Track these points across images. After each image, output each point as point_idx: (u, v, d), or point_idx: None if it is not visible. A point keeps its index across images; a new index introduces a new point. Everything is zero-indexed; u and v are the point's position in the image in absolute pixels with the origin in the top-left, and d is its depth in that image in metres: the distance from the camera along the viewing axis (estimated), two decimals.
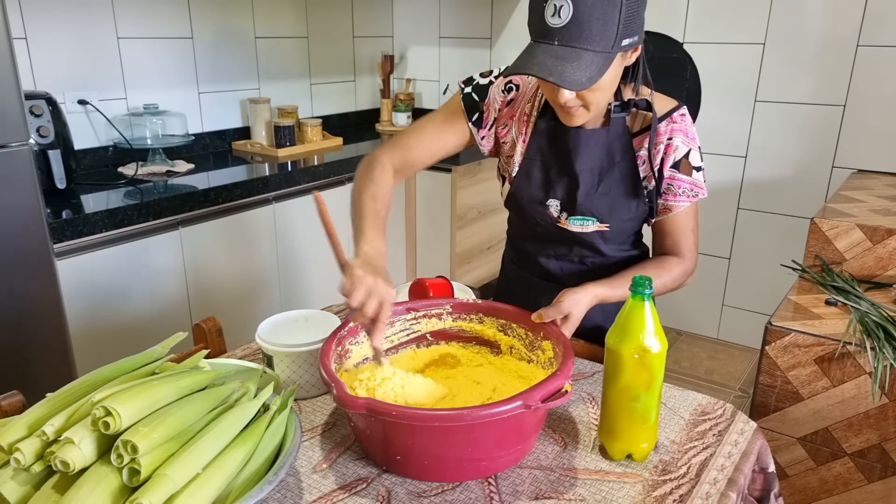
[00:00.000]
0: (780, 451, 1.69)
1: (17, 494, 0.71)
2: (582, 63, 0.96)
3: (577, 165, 1.16)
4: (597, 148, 1.15)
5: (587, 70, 0.96)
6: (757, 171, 2.84)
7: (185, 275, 2.14)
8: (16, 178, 1.55)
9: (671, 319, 3.26)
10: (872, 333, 1.54)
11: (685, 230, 1.20)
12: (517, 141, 1.21)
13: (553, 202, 1.20)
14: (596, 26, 0.95)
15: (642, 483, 0.87)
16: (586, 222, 1.19)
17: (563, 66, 0.95)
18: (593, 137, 1.15)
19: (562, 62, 0.96)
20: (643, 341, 0.87)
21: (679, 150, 1.14)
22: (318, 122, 2.86)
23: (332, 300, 2.70)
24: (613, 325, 0.90)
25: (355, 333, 1.04)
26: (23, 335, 1.62)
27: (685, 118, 1.16)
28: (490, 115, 1.21)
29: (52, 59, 2.18)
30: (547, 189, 1.20)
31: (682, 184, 1.16)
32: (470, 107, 1.22)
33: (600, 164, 1.16)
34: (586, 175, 1.16)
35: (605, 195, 1.17)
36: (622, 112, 1.13)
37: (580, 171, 1.16)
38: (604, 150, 1.16)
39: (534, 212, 1.22)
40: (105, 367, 0.88)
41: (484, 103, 1.21)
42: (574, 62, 0.96)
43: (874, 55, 2.49)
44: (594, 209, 1.17)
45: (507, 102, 1.21)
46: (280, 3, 2.90)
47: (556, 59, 0.96)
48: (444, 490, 0.85)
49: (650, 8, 3.12)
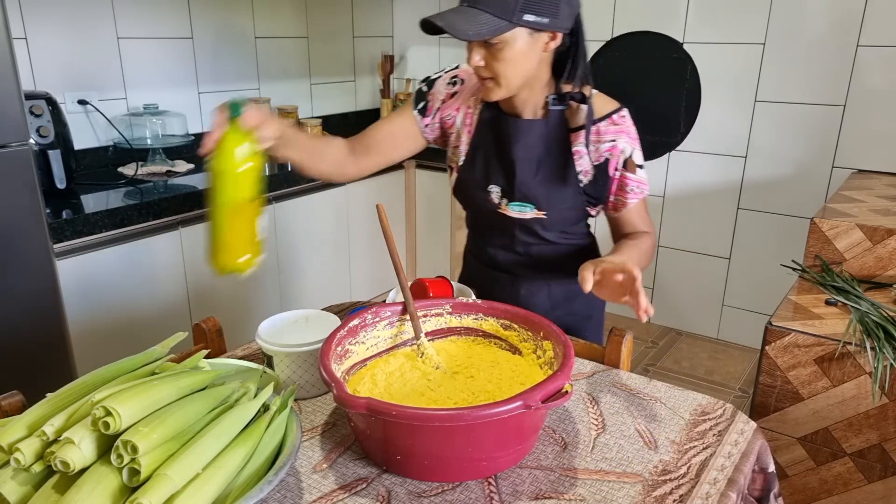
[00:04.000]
0: (780, 451, 1.69)
1: (17, 494, 0.71)
2: (476, 20, 1.06)
3: (515, 153, 1.23)
4: (535, 137, 1.22)
5: (478, 27, 1.06)
6: (757, 171, 2.84)
7: (185, 275, 2.14)
8: (16, 178, 1.55)
9: (671, 319, 3.26)
10: (872, 333, 1.54)
11: (642, 216, 1.29)
12: (462, 132, 1.30)
13: (494, 188, 1.27)
14: None
15: (642, 483, 0.87)
16: (524, 209, 1.25)
17: (458, 19, 1.06)
18: (532, 127, 1.22)
19: (459, 16, 1.06)
20: (235, 158, 0.99)
21: (625, 152, 1.22)
22: (318, 122, 2.86)
23: (332, 300, 2.70)
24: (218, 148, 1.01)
25: (355, 333, 1.04)
26: (23, 335, 1.62)
27: (625, 119, 1.22)
28: (434, 105, 1.30)
29: (52, 59, 2.19)
30: (489, 176, 1.27)
31: (630, 182, 1.23)
32: (417, 98, 1.31)
33: (538, 154, 1.23)
34: (524, 163, 1.23)
35: (541, 183, 1.23)
36: (560, 105, 1.21)
37: (518, 158, 1.23)
38: (541, 141, 1.23)
39: (478, 198, 1.29)
40: (105, 367, 0.88)
41: (429, 94, 1.30)
42: (469, 18, 1.06)
43: (874, 55, 2.49)
44: (531, 196, 1.24)
45: (452, 94, 1.29)
46: (280, 3, 2.90)
47: (456, 14, 1.07)
48: (444, 490, 0.85)
49: (650, 8, 3.13)
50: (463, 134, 1.29)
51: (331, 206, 2.67)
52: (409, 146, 1.32)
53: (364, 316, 1.06)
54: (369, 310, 1.08)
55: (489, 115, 1.26)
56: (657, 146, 3.07)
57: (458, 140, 1.30)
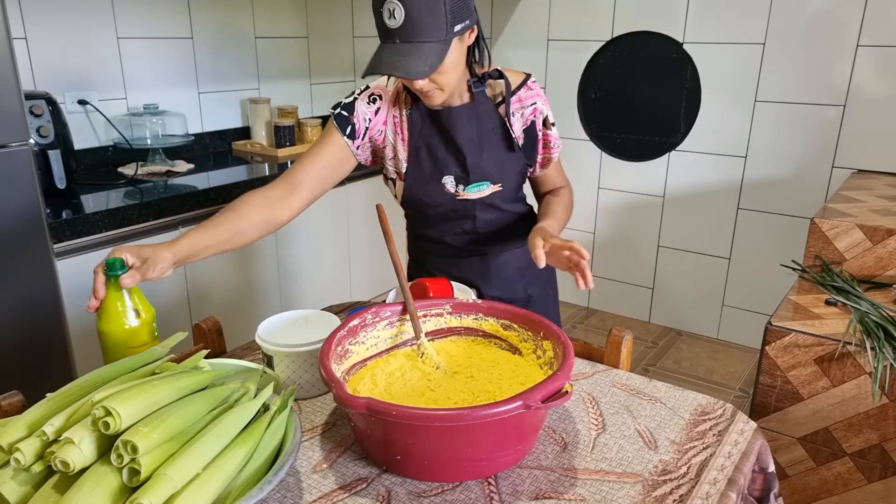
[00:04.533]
0: (780, 451, 1.69)
1: (17, 494, 0.71)
2: (422, 54, 1.10)
3: (458, 139, 1.29)
4: (470, 120, 1.29)
5: (428, 59, 1.10)
6: (757, 171, 2.84)
7: (185, 275, 2.14)
8: (16, 178, 1.55)
9: (671, 319, 3.26)
10: (872, 333, 1.54)
11: (560, 171, 1.44)
12: (396, 142, 1.33)
13: (448, 178, 1.32)
14: (427, 20, 1.08)
15: (642, 483, 0.87)
16: (482, 187, 1.32)
17: (407, 61, 1.09)
18: (464, 112, 1.29)
19: (405, 57, 1.10)
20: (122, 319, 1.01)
21: (543, 112, 1.34)
22: (318, 123, 2.86)
23: (332, 300, 2.70)
24: (101, 310, 1.01)
25: (355, 333, 1.04)
26: (23, 335, 1.62)
27: (536, 84, 1.34)
28: (361, 126, 1.31)
29: (52, 59, 2.18)
30: (440, 168, 1.31)
31: (551, 138, 1.36)
32: (341, 123, 1.30)
33: (478, 133, 1.30)
34: (469, 145, 1.29)
35: (490, 158, 1.31)
36: (481, 86, 1.30)
37: (462, 142, 1.29)
38: (476, 121, 1.30)
39: (433, 194, 1.33)
40: (105, 367, 0.88)
41: (353, 116, 1.30)
42: (415, 55, 1.10)
43: (874, 55, 2.49)
44: (484, 173, 1.31)
45: (376, 111, 1.31)
46: (280, 3, 2.90)
47: (400, 56, 1.10)
48: (444, 490, 0.85)
49: (650, 8, 3.14)
50: (398, 143, 1.32)
51: (331, 206, 2.67)
52: (341, 173, 1.32)
53: (364, 316, 1.06)
54: (369, 310, 1.08)
55: (419, 114, 1.31)
56: (657, 146, 3.07)
57: (395, 150, 1.33)
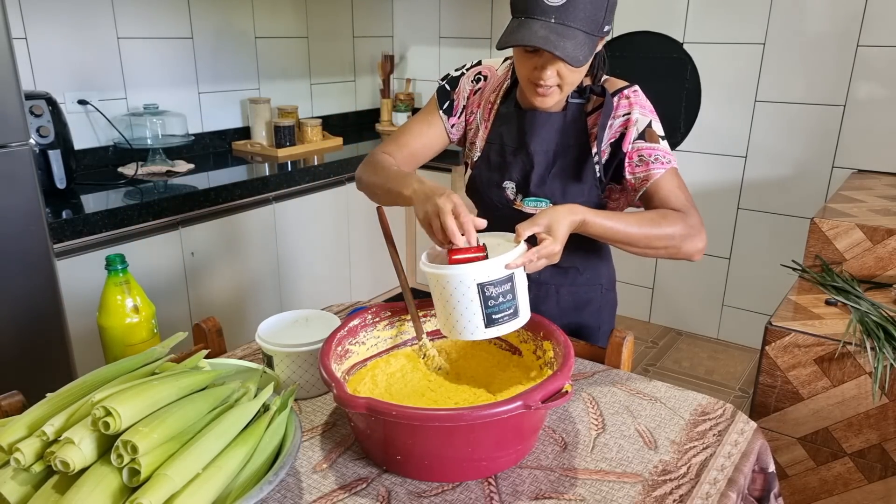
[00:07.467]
0: (780, 451, 1.69)
1: (17, 494, 0.71)
2: (578, 41, 1.01)
3: (532, 147, 1.20)
4: (552, 130, 1.19)
5: (583, 49, 1.01)
6: (757, 171, 2.84)
7: (185, 275, 2.14)
8: (16, 178, 1.55)
9: (671, 319, 3.26)
10: (872, 333, 1.54)
11: (671, 189, 1.14)
12: (480, 127, 1.27)
13: (509, 184, 1.24)
14: (589, 8, 1.00)
15: (642, 483, 0.87)
16: (540, 203, 1.21)
17: (565, 42, 1.00)
18: (549, 120, 1.19)
19: (562, 38, 1.00)
20: (127, 316, 1.00)
21: (640, 122, 1.16)
22: (318, 122, 2.86)
23: (332, 300, 2.70)
24: (101, 304, 1.01)
25: (355, 333, 1.04)
26: (23, 335, 1.62)
27: (638, 93, 1.19)
28: (459, 103, 1.27)
29: (52, 59, 2.18)
30: (503, 171, 1.24)
31: (652, 152, 1.15)
32: (442, 97, 1.28)
33: (555, 147, 1.20)
34: (541, 156, 1.20)
35: (557, 177, 1.20)
36: (579, 99, 1.19)
37: (534, 152, 1.20)
38: (559, 133, 1.20)
39: (492, 194, 1.26)
40: (105, 367, 0.88)
41: (454, 92, 1.27)
42: (572, 39, 1.00)
43: (874, 55, 2.49)
44: (547, 191, 1.21)
45: (475, 91, 1.27)
46: (280, 3, 2.90)
47: (557, 35, 1.00)
48: (444, 490, 0.85)
49: (650, 8, 3.13)
50: (481, 129, 1.27)
51: (331, 206, 2.67)
52: (436, 149, 1.30)
53: (364, 316, 1.06)
54: (369, 310, 1.08)
55: (506, 109, 1.24)
56: None
57: (476, 136, 1.28)
